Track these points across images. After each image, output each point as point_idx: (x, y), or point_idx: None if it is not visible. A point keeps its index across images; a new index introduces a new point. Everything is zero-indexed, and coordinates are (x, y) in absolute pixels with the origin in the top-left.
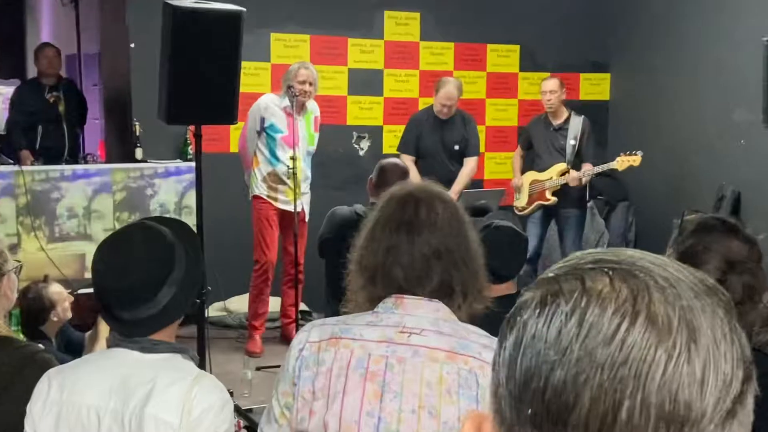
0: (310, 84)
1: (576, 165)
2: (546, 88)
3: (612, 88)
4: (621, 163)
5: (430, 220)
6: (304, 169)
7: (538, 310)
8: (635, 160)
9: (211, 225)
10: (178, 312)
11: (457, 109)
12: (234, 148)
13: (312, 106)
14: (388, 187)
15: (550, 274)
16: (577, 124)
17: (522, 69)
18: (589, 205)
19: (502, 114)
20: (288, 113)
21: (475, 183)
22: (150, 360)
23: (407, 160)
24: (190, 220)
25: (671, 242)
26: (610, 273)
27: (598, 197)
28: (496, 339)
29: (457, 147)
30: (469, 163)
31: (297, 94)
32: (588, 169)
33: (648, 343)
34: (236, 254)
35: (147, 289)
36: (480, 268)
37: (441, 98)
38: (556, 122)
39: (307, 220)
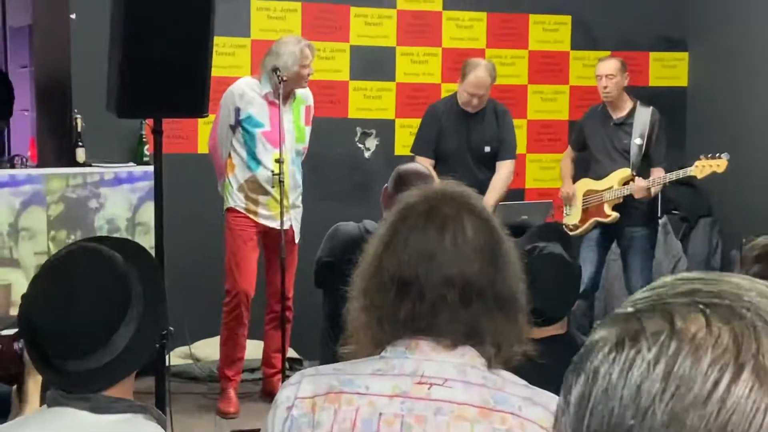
0: (310, 68)
1: (643, 171)
2: (602, 71)
3: (691, 71)
4: (701, 168)
5: (457, 248)
6: (294, 174)
7: (612, 356)
8: (720, 164)
9: (174, 247)
10: (137, 359)
11: (488, 100)
12: (204, 147)
13: (303, 92)
14: None
15: (630, 308)
16: (644, 117)
17: (574, 46)
18: (661, 222)
19: (548, 105)
20: (270, 102)
21: (513, 194)
22: (105, 423)
23: (424, 163)
24: (147, 241)
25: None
26: (707, 311)
27: (673, 212)
28: (538, 390)
29: (488, 148)
30: (504, 169)
31: (284, 78)
32: (659, 177)
33: (755, 405)
34: (206, 285)
35: (97, 331)
36: (521, 312)
37: (469, 86)
38: (618, 115)
39: (297, 240)
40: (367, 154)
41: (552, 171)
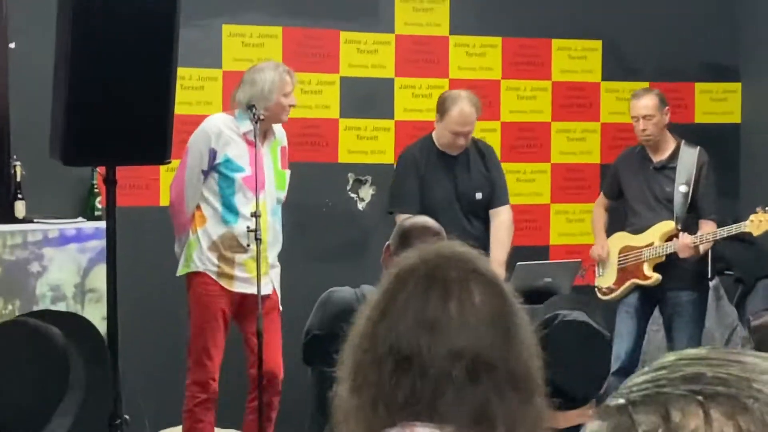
0: (292, 97)
1: (690, 224)
2: (638, 111)
3: (745, 104)
4: (758, 224)
5: (464, 317)
6: (273, 227)
7: None
8: None
9: (131, 319)
10: None
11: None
12: (166, 199)
13: (278, 131)
14: None
15: (622, 399)
16: (690, 160)
17: (606, 76)
18: (712, 284)
19: (576, 145)
20: (250, 142)
21: (536, 252)
22: None
23: None
24: (98, 312)
25: None
26: (708, 403)
27: (726, 272)
28: None
29: (479, 195)
30: (503, 216)
31: (261, 117)
32: (708, 232)
33: None
34: (169, 365)
35: (28, 420)
36: (538, 392)
37: (453, 124)
38: (659, 158)
39: (281, 308)
40: (361, 206)
41: (581, 224)
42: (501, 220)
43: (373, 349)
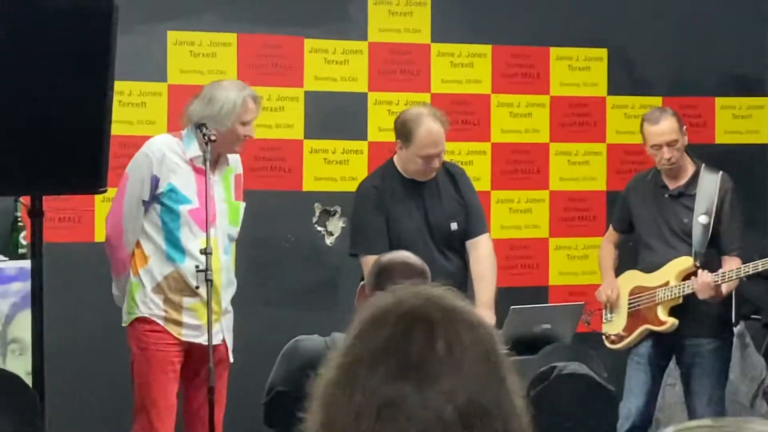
0: (251, 128)
1: (710, 260)
2: (661, 137)
3: None
4: None
5: (453, 357)
6: (226, 267)
7: None
8: None
9: (62, 376)
10: None
11: None
12: (101, 234)
13: (231, 156)
14: None
15: None
16: (711, 186)
17: (613, 90)
18: (737, 330)
19: (579, 170)
20: (197, 169)
21: (533, 293)
22: None
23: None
24: (21, 366)
25: None
26: None
27: (753, 316)
28: None
29: (454, 225)
30: (483, 247)
31: (213, 138)
32: (731, 269)
33: None
34: (107, 425)
35: None
36: None
37: (423, 147)
38: (675, 185)
39: (232, 360)
40: (329, 240)
41: (585, 261)
42: (481, 252)
43: (348, 399)
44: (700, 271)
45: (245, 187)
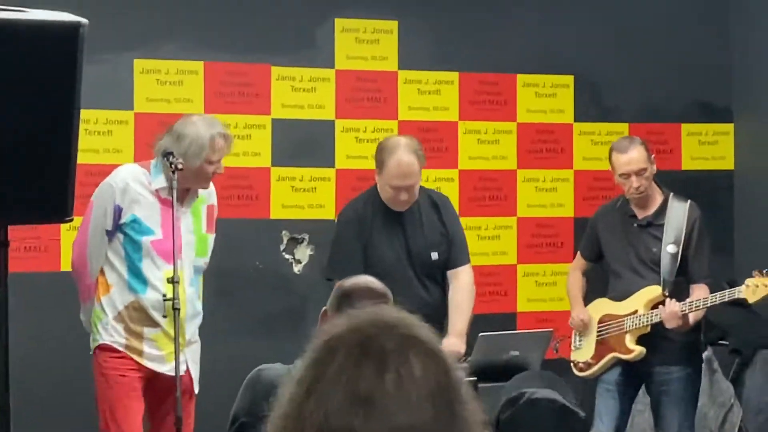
0: (220, 165)
1: (679, 289)
2: (630, 166)
3: (738, 148)
4: (754, 289)
5: (403, 392)
6: (192, 299)
7: None
8: None
9: (28, 407)
10: None
11: (420, 189)
12: (67, 263)
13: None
14: None
15: None
16: (679, 216)
17: (579, 117)
18: (705, 356)
19: (546, 197)
20: (163, 200)
21: (501, 320)
22: None
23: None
24: None
25: None
26: None
27: (721, 342)
28: None
29: (435, 255)
30: (463, 278)
31: (180, 167)
32: (699, 298)
33: None
34: None
35: None
36: None
37: (392, 177)
38: (644, 214)
39: (197, 390)
40: (297, 269)
41: (553, 288)
42: (460, 282)
43: (298, 431)
44: (667, 300)
45: None
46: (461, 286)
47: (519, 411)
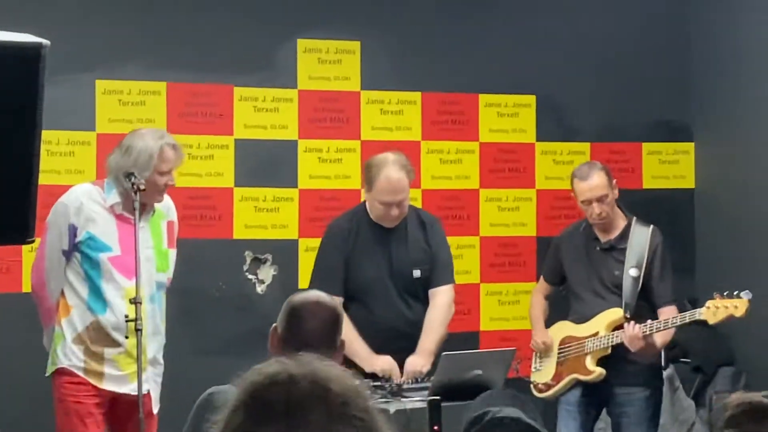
0: (171, 176)
1: (641, 312)
2: (592, 193)
3: (699, 167)
4: (714, 311)
5: None
6: (154, 317)
7: None
8: (738, 306)
9: None
10: None
11: (409, 208)
12: (29, 284)
13: (164, 203)
14: (303, 341)
15: None
16: (642, 240)
17: (541, 137)
18: (666, 374)
19: (508, 216)
20: (119, 215)
21: (464, 339)
22: None
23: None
24: None
25: None
26: None
27: (682, 360)
28: None
29: (417, 272)
30: (441, 297)
31: (142, 187)
32: (660, 321)
33: None
34: None
35: None
36: None
37: (382, 193)
38: (607, 237)
39: (156, 411)
40: (260, 288)
41: (516, 307)
42: (437, 302)
43: None
44: (626, 323)
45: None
46: (437, 305)
47: (483, 429)
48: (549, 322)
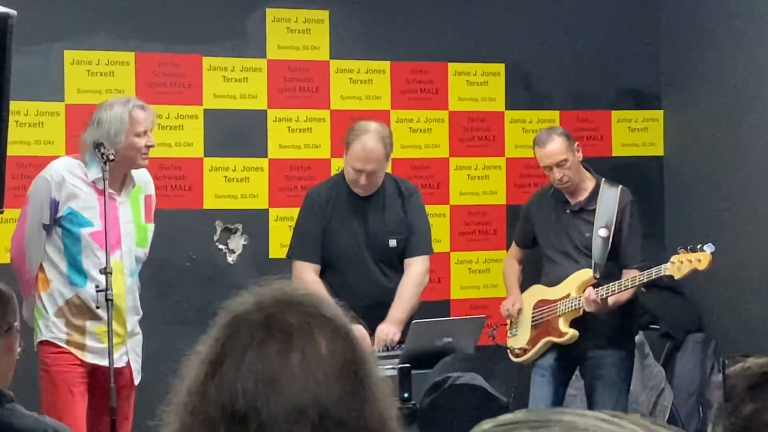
0: (149, 137)
1: (610, 272)
2: (550, 159)
3: (668, 134)
4: (679, 266)
5: (308, 370)
6: (132, 290)
7: None
8: (701, 259)
9: None
10: None
11: (388, 176)
12: (5, 257)
13: (141, 176)
14: None
15: None
16: (610, 201)
17: (511, 105)
18: (636, 340)
19: (478, 184)
20: (100, 191)
21: (434, 307)
22: None
23: (306, 272)
24: None
25: (714, 412)
26: None
27: (652, 326)
28: None
29: (393, 242)
30: (415, 268)
31: (111, 157)
32: (616, 283)
33: None
34: None
35: None
36: None
37: (355, 159)
38: (576, 200)
39: (137, 382)
40: (231, 259)
41: (486, 275)
42: (410, 272)
43: (202, 409)
44: (588, 287)
45: None
46: (410, 274)
47: (441, 396)
48: (524, 286)
